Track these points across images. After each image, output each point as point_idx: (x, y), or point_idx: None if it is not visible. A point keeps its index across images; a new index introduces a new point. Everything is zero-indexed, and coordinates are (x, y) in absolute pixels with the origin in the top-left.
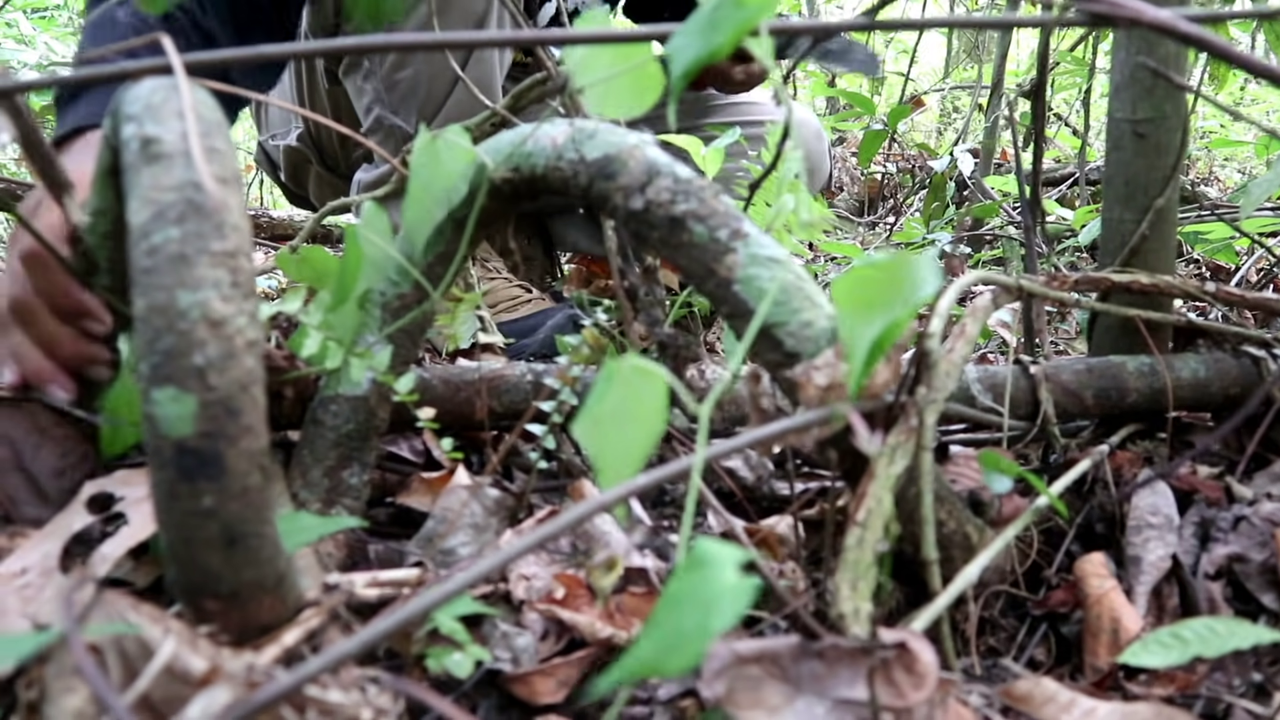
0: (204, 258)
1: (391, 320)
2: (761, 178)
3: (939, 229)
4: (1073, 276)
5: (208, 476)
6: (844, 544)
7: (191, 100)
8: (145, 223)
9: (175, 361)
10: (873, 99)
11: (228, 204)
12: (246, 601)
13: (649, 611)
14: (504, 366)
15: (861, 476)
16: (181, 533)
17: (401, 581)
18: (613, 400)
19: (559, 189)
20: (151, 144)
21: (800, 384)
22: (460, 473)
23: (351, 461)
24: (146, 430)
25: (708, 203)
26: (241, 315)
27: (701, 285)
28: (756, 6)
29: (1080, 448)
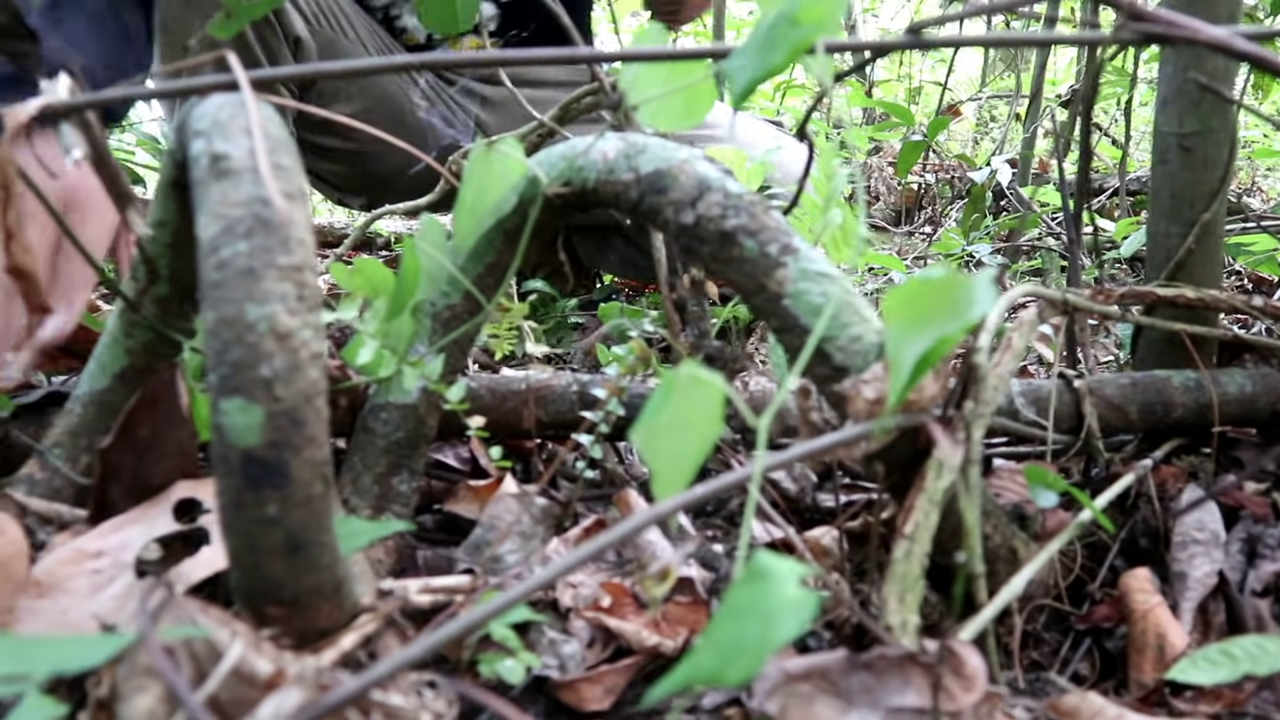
0: (271, 272)
1: (442, 329)
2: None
3: (978, 240)
4: (1118, 290)
5: (273, 485)
6: (892, 557)
7: (259, 117)
8: (214, 237)
9: (243, 373)
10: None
11: (294, 219)
12: (306, 607)
13: (695, 621)
14: (550, 377)
15: (908, 490)
16: (246, 540)
17: (453, 588)
18: (670, 409)
19: (610, 202)
20: (220, 160)
21: (849, 398)
22: (508, 481)
23: (401, 468)
24: (214, 439)
25: (758, 218)
26: (307, 328)
27: (751, 299)
28: (812, 25)
29: (1124, 462)
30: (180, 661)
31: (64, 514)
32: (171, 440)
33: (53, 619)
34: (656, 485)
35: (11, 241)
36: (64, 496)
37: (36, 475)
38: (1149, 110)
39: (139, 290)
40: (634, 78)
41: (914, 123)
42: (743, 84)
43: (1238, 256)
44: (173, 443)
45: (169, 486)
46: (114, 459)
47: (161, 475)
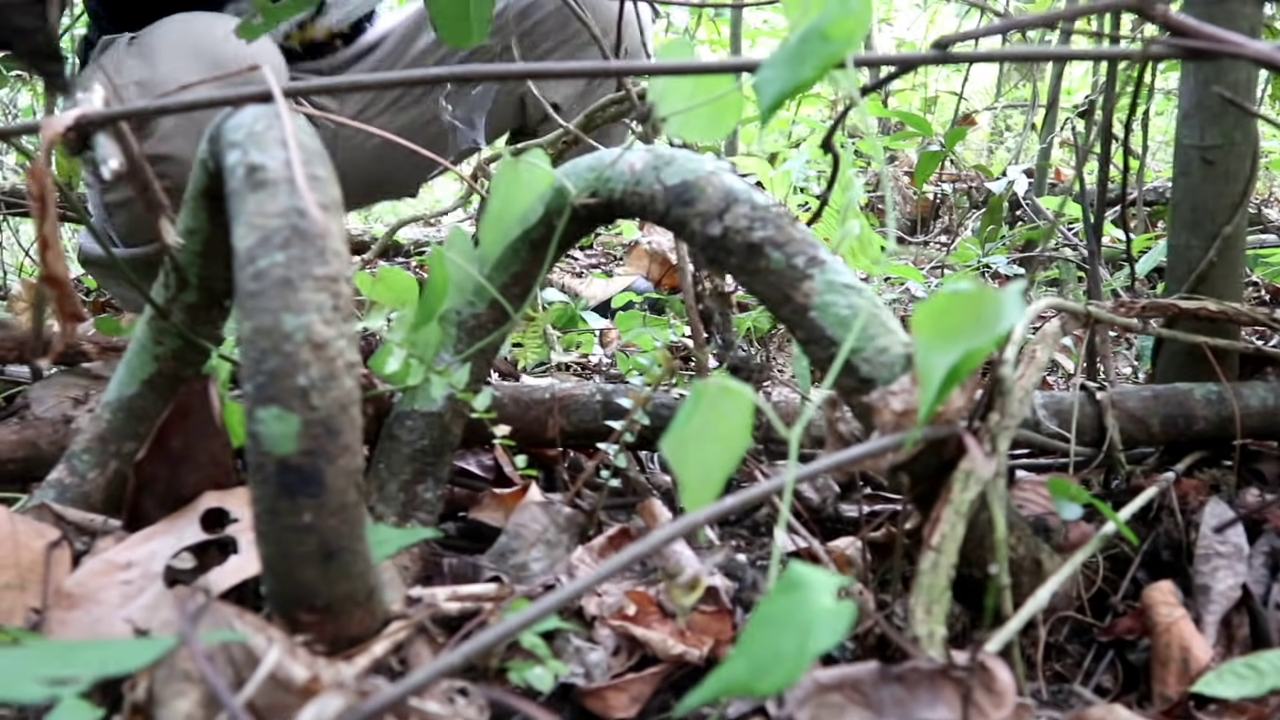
0: (308, 282)
1: (467, 338)
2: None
3: (995, 251)
4: (1140, 302)
5: (308, 493)
6: (919, 568)
7: (293, 128)
8: (251, 247)
9: (280, 382)
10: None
11: (330, 230)
12: (339, 614)
13: (719, 630)
14: (574, 386)
15: (933, 501)
16: (281, 547)
17: (481, 596)
18: (699, 419)
19: (636, 213)
20: (257, 171)
21: (876, 409)
22: (533, 490)
23: (426, 476)
24: (250, 447)
25: (785, 229)
26: (342, 338)
27: (778, 310)
28: (842, 40)
29: (1145, 474)
30: (218, 666)
31: (98, 523)
32: (204, 451)
33: (85, 629)
34: (685, 495)
35: (48, 250)
36: (93, 501)
37: (66, 480)
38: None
39: (168, 297)
40: (662, 90)
41: (931, 133)
42: (771, 96)
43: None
44: (205, 453)
45: (201, 497)
46: (147, 470)
47: (194, 486)
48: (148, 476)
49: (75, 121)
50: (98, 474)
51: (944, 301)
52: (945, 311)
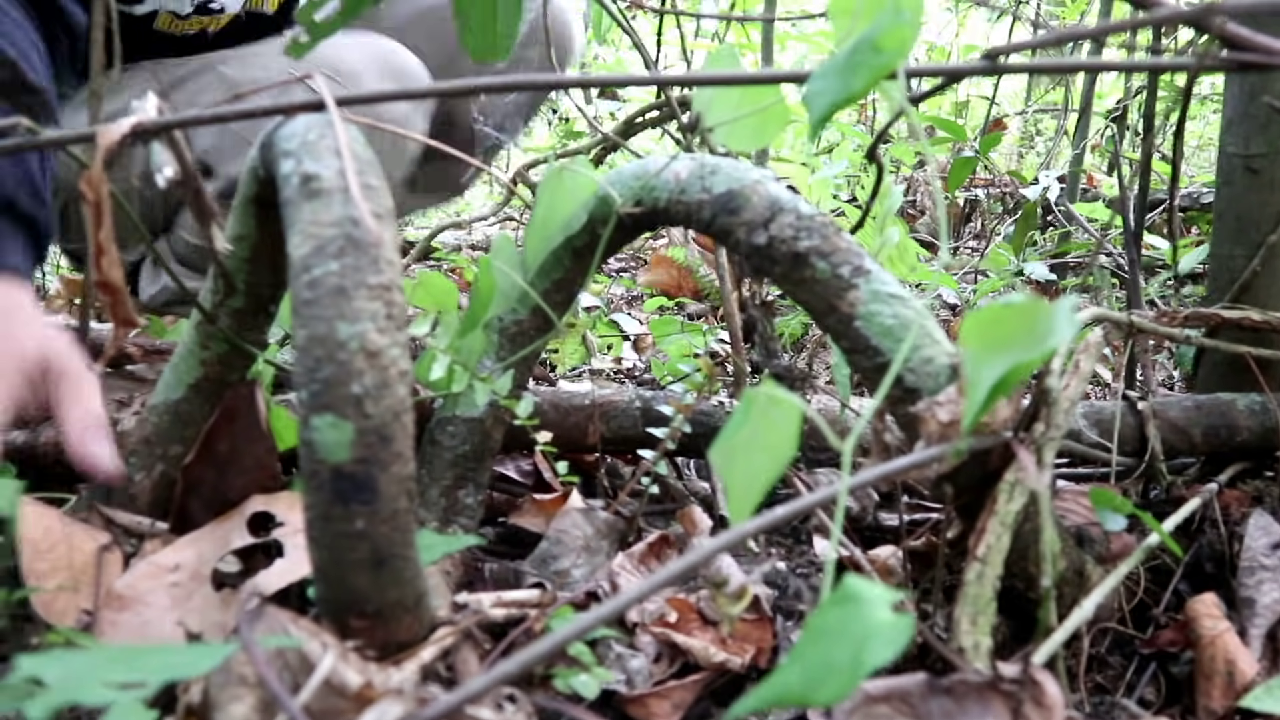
0: (362, 291)
1: (509, 344)
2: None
3: (1030, 258)
4: (1183, 312)
5: (361, 501)
6: (964, 579)
7: (346, 138)
8: (306, 256)
9: (334, 390)
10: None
11: (383, 239)
12: (389, 620)
13: (760, 638)
14: (613, 392)
15: (977, 511)
16: (333, 553)
17: (525, 602)
18: (748, 429)
19: (681, 221)
20: (311, 180)
21: (923, 420)
22: (574, 497)
23: (467, 481)
24: (303, 454)
25: (830, 239)
26: (395, 346)
27: (822, 320)
28: (893, 51)
29: (1187, 485)
30: (273, 671)
31: (146, 526)
32: (250, 455)
33: (134, 630)
34: (731, 503)
35: (103, 256)
36: (140, 503)
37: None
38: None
39: (215, 303)
40: (709, 99)
41: (965, 138)
42: (821, 108)
43: None
44: (251, 458)
45: (248, 500)
46: (194, 473)
47: (241, 489)
48: (194, 479)
49: (131, 130)
50: (144, 476)
51: (994, 313)
52: (995, 323)
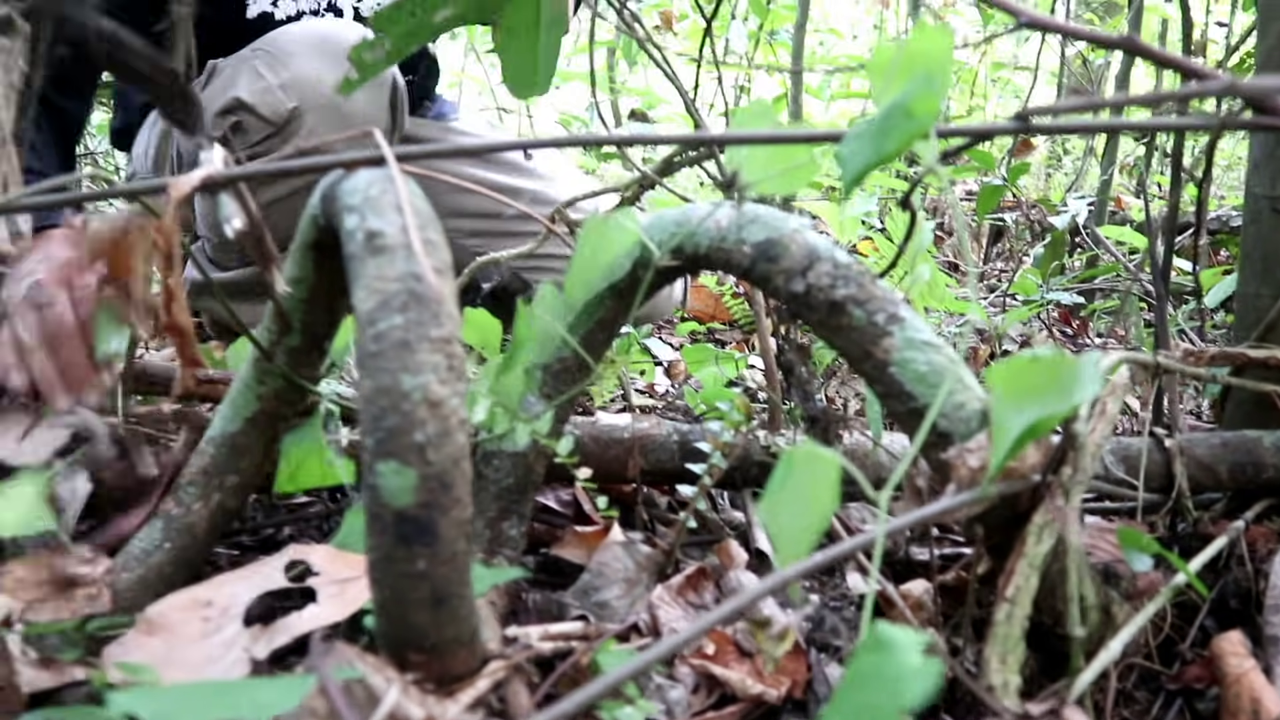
0: (424, 344)
1: (551, 381)
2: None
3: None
4: (1209, 352)
5: (423, 543)
6: (994, 618)
7: (407, 194)
8: (371, 310)
9: (398, 438)
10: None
11: (444, 294)
12: (445, 655)
13: (795, 670)
14: (651, 426)
15: (1007, 551)
16: (395, 592)
17: (571, 634)
18: (791, 484)
19: (721, 266)
20: (375, 237)
21: (954, 465)
22: (615, 530)
23: (511, 513)
24: (368, 498)
25: (866, 287)
26: (455, 396)
27: (858, 365)
28: (924, 117)
29: (1213, 521)
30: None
31: None
32: None
33: (159, 656)
34: (779, 555)
35: (173, 302)
36: (197, 531)
37: (173, 510)
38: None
39: (272, 341)
40: (743, 155)
41: (994, 166)
42: (855, 169)
43: None
44: None
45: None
46: None
47: None
48: None
49: (201, 182)
50: (202, 505)
51: (1023, 365)
52: (1023, 374)
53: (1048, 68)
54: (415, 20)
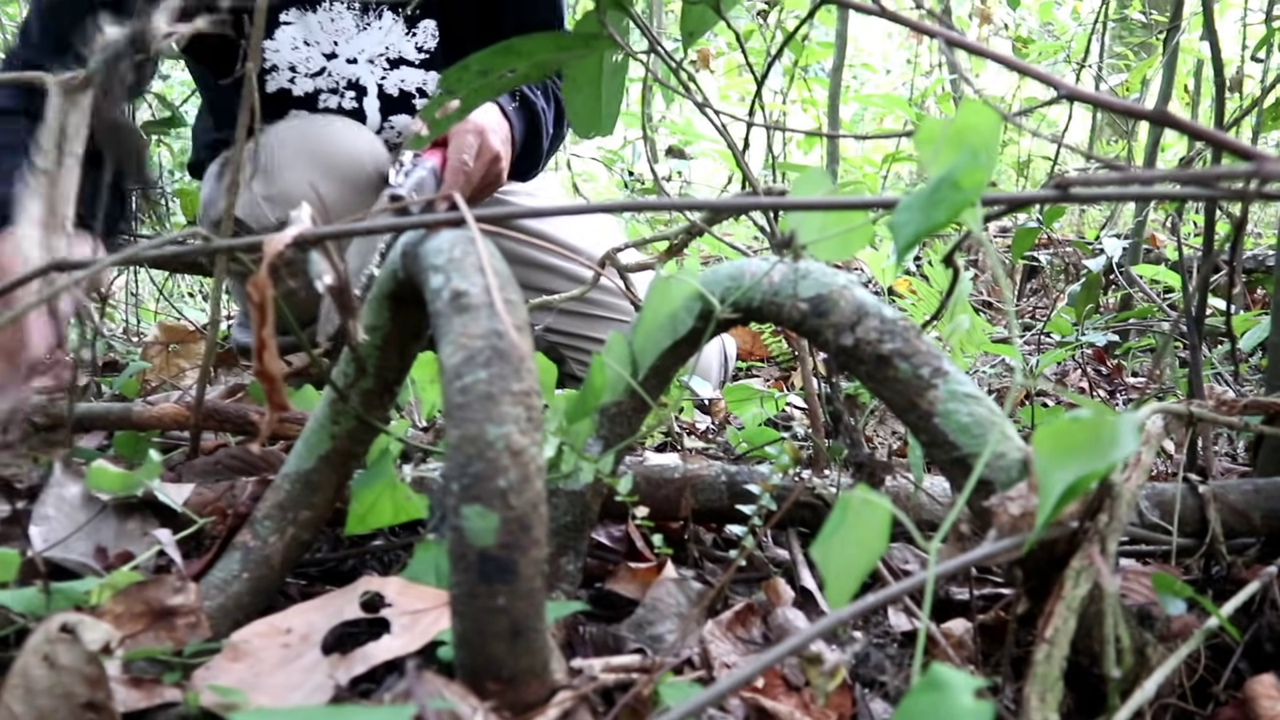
0: (507, 397)
1: (609, 423)
2: (935, 314)
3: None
4: (1241, 401)
5: (504, 581)
6: (1033, 659)
7: (488, 255)
8: (458, 364)
9: (483, 484)
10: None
11: (524, 350)
12: (520, 684)
13: (841, 704)
14: (701, 467)
15: (1045, 593)
16: (476, 625)
17: (630, 667)
18: (845, 528)
19: (773, 320)
20: (461, 296)
21: (995, 512)
22: (669, 567)
23: (569, 549)
24: (452, 539)
25: (911, 342)
26: (534, 445)
27: (904, 415)
28: (971, 189)
29: (1247, 565)
30: None
31: None
32: None
33: (242, 680)
34: (829, 593)
35: (264, 351)
36: (273, 562)
37: (250, 543)
38: None
39: (347, 384)
40: (800, 218)
41: (1030, 211)
42: (906, 238)
43: None
44: None
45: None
46: None
47: None
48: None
49: (293, 240)
50: (277, 539)
51: (1065, 425)
52: (1065, 434)
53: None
54: (483, 80)
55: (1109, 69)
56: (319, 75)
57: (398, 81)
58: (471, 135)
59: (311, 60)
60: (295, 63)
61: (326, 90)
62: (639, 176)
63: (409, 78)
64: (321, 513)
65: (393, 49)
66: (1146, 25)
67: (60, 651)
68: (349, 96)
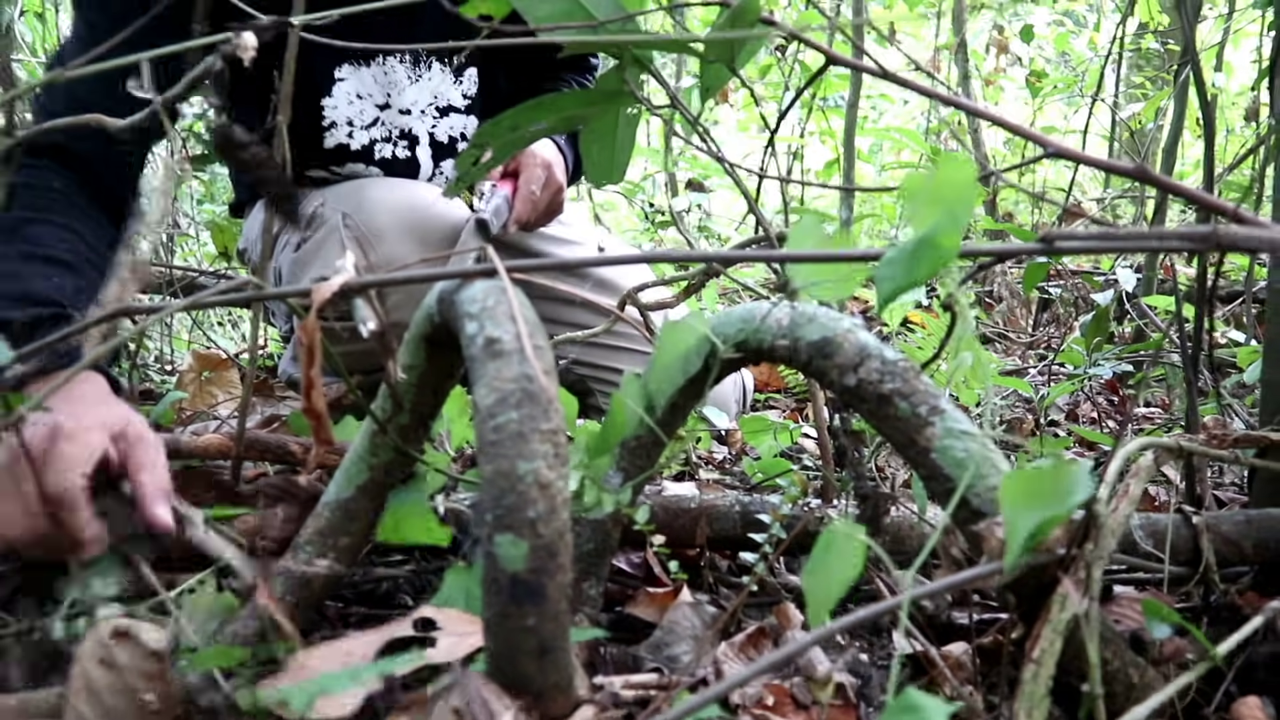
0: (536, 435)
1: (628, 456)
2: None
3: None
4: (1233, 434)
5: (533, 603)
6: (1021, 677)
7: (519, 304)
8: (492, 405)
9: (514, 514)
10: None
11: (552, 392)
12: (547, 698)
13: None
14: (716, 497)
15: (1036, 616)
16: (507, 644)
17: (648, 684)
18: (827, 558)
19: (782, 360)
20: (494, 343)
21: (985, 538)
22: (684, 592)
23: (591, 575)
24: (486, 565)
25: (910, 382)
26: (561, 479)
27: (903, 451)
28: (948, 249)
29: (1240, 593)
30: None
31: None
32: None
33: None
34: (810, 614)
35: (312, 390)
36: (314, 586)
37: (292, 567)
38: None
39: (385, 418)
40: (797, 267)
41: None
42: (888, 292)
43: None
44: None
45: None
46: None
47: None
48: None
49: (341, 288)
50: (320, 562)
51: (1030, 474)
52: (1031, 482)
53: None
54: (514, 134)
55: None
56: (373, 126)
57: (447, 128)
58: (540, 169)
59: (365, 113)
60: (351, 117)
61: (381, 140)
62: (659, 209)
63: (456, 124)
64: (359, 539)
65: (441, 97)
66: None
67: (118, 653)
68: (402, 145)
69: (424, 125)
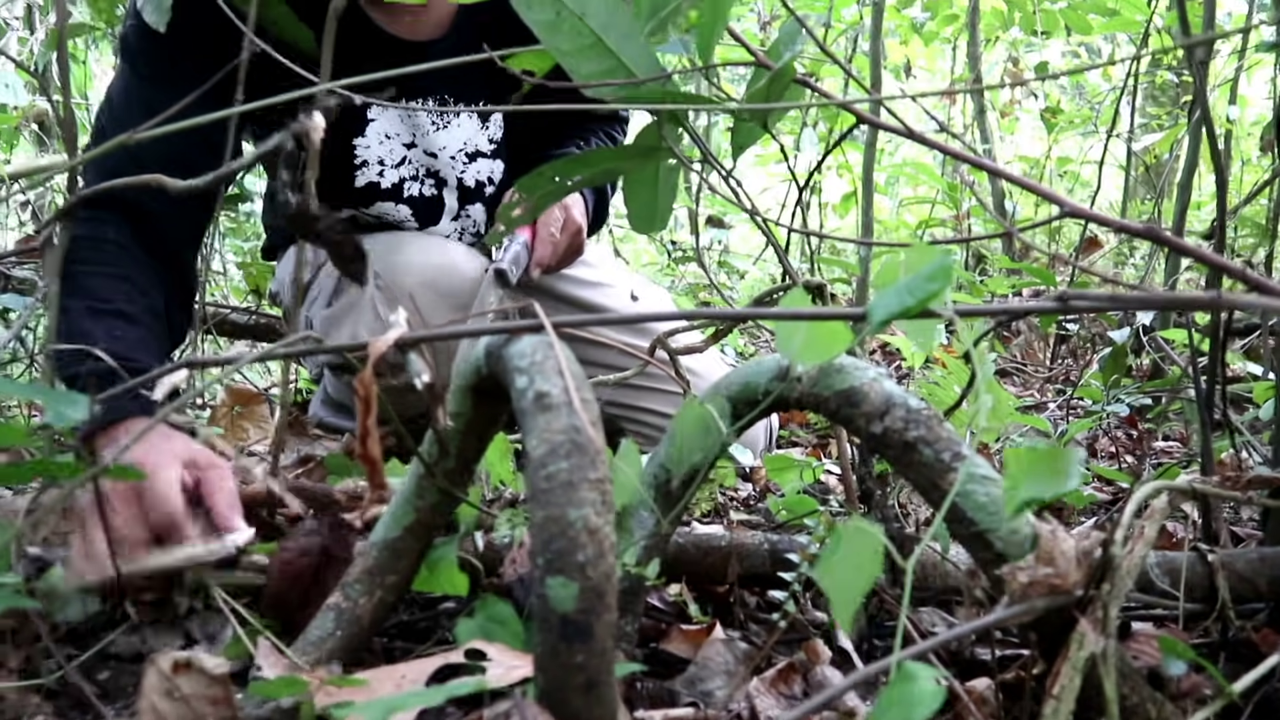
0: (584, 483)
1: (663, 500)
2: (956, 403)
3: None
4: (1245, 476)
5: (581, 641)
6: (1042, 713)
7: (566, 359)
8: (542, 456)
9: (564, 558)
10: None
11: (599, 443)
12: None
13: None
14: (746, 536)
15: (1056, 653)
16: (558, 680)
17: (685, 719)
18: (840, 554)
19: (811, 409)
20: (544, 397)
21: (1008, 580)
22: (718, 629)
23: (627, 612)
24: (538, 606)
25: (934, 430)
26: (607, 525)
27: (928, 495)
28: (941, 285)
29: (1256, 629)
30: None
31: None
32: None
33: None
34: (836, 610)
35: (368, 438)
36: (363, 622)
37: (342, 605)
38: None
39: (433, 462)
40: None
41: (1054, 283)
42: (880, 317)
43: None
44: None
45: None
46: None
47: None
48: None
49: (395, 342)
50: (366, 600)
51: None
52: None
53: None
54: (555, 185)
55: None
56: (401, 165)
57: (474, 173)
58: (558, 210)
59: (395, 151)
60: (383, 155)
61: (409, 178)
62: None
63: (484, 169)
64: (405, 578)
65: (470, 143)
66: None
67: (181, 683)
68: (429, 184)
69: (454, 171)
